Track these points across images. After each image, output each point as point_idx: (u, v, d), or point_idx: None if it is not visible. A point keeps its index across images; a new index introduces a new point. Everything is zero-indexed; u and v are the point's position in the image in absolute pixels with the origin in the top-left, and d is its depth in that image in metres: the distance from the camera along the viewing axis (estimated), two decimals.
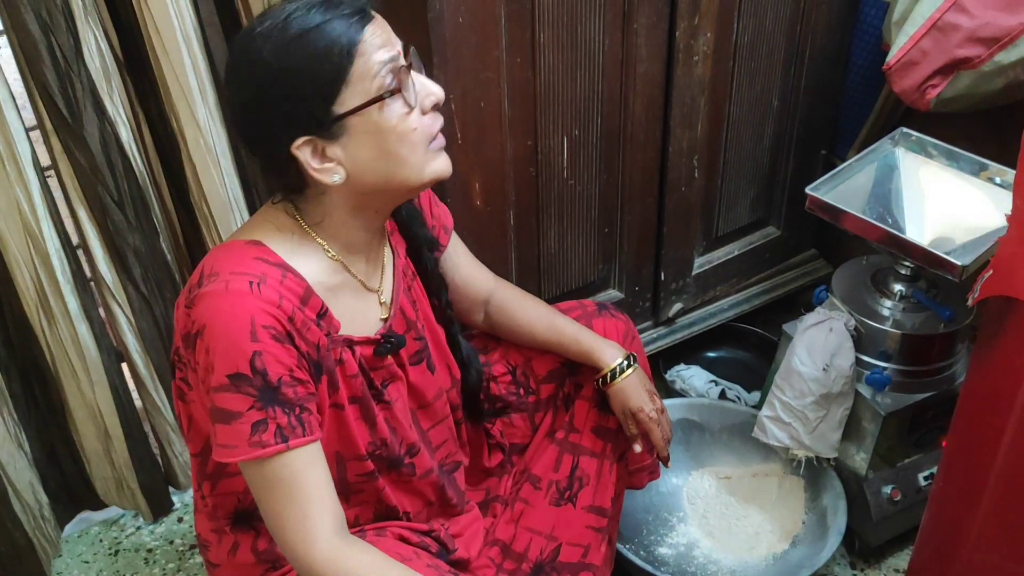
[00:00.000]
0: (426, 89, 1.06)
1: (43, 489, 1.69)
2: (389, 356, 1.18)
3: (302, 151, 1.03)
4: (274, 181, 1.11)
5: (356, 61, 1.00)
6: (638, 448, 1.38)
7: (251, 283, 1.02)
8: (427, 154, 1.06)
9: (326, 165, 1.04)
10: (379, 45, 1.01)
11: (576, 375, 1.40)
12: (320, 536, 1.03)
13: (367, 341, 1.15)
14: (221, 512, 1.19)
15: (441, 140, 1.08)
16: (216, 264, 1.05)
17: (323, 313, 1.09)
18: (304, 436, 1.04)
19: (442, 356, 1.30)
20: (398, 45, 1.04)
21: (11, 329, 1.57)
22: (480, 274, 1.40)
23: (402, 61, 1.04)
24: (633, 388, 1.34)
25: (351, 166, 1.05)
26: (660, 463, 1.46)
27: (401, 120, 1.03)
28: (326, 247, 1.11)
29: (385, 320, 1.20)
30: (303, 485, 1.03)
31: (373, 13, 1.03)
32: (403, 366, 1.21)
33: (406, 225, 1.27)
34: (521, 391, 1.41)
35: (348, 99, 1.01)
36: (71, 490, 1.77)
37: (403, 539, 1.21)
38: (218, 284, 1.02)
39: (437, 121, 1.07)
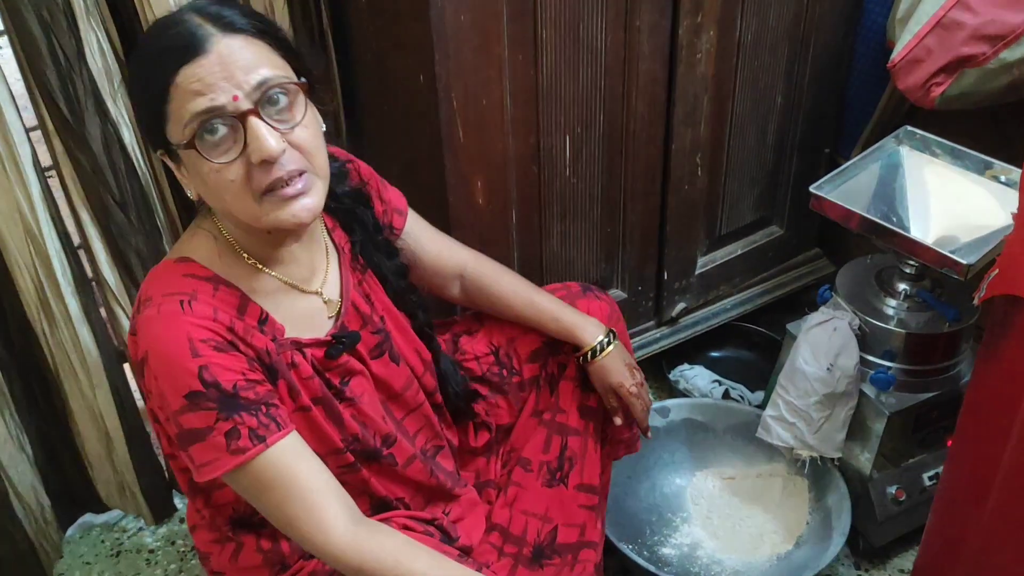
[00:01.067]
0: (253, 144, 0.96)
1: (45, 492, 1.68)
2: (344, 354, 1.16)
3: (165, 159, 1.04)
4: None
5: (170, 103, 0.96)
6: (619, 421, 1.39)
7: (182, 302, 1.01)
8: (261, 203, 1.00)
9: (182, 179, 1.04)
10: (197, 91, 0.95)
11: (558, 355, 1.40)
12: (335, 524, 1.02)
13: (316, 343, 1.14)
14: (220, 521, 1.19)
15: (285, 190, 0.99)
16: (149, 288, 1.05)
17: (264, 319, 1.08)
18: (280, 431, 1.03)
19: (409, 342, 1.28)
20: (238, 85, 0.95)
21: (12, 331, 1.57)
22: (449, 248, 1.38)
23: (237, 107, 0.95)
24: (614, 364, 1.35)
25: (196, 189, 1.04)
26: (639, 436, 1.48)
27: (213, 172, 0.98)
28: (248, 259, 1.10)
29: (333, 319, 1.18)
30: (297, 477, 1.03)
31: (214, 45, 0.95)
32: (364, 361, 1.20)
33: (349, 216, 1.23)
34: (504, 372, 1.40)
35: (170, 133, 0.99)
36: (73, 493, 1.77)
37: (407, 528, 1.21)
38: (151, 309, 1.02)
39: (270, 174, 0.98)
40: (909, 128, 1.67)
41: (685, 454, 1.81)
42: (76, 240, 1.56)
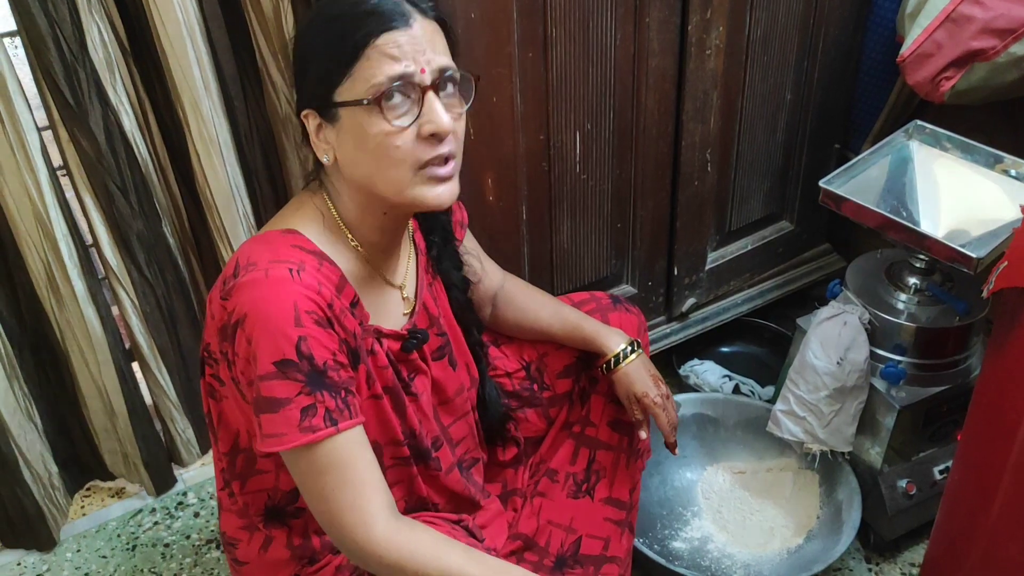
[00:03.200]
0: (429, 116, 1.02)
1: (53, 459, 1.75)
2: (414, 351, 1.19)
3: (308, 120, 1.07)
4: (303, 139, 1.13)
5: (361, 61, 1.01)
6: (643, 435, 1.38)
7: (291, 270, 1.02)
8: (414, 176, 1.04)
9: (319, 143, 1.07)
10: (394, 55, 1.00)
11: (591, 369, 1.41)
12: (378, 518, 1.03)
13: (394, 335, 1.17)
14: (253, 510, 1.19)
15: (438, 170, 1.04)
16: (253, 254, 1.05)
17: (355, 302, 1.10)
18: (352, 418, 1.04)
19: (461, 354, 1.31)
20: (426, 62, 1.02)
21: (24, 308, 1.63)
22: (491, 270, 1.41)
23: (422, 80, 1.01)
24: (637, 373, 1.34)
25: (339, 154, 1.07)
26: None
27: (383, 133, 1.01)
28: (351, 240, 1.13)
29: (408, 315, 1.21)
30: (355, 467, 1.03)
31: (415, 22, 1.01)
32: (426, 361, 1.22)
33: (434, 222, 1.28)
34: (535, 386, 1.42)
35: (345, 91, 1.02)
36: (81, 461, 1.84)
37: (434, 524, 1.21)
38: (257, 273, 1.02)
39: (433, 149, 1.03)
40: (919, 122, 1.67)
41: (696, 448, 1.82)
42: (82, 225, 1.60)
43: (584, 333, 1.36)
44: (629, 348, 1.35)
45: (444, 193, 1.06)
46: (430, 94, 1.02)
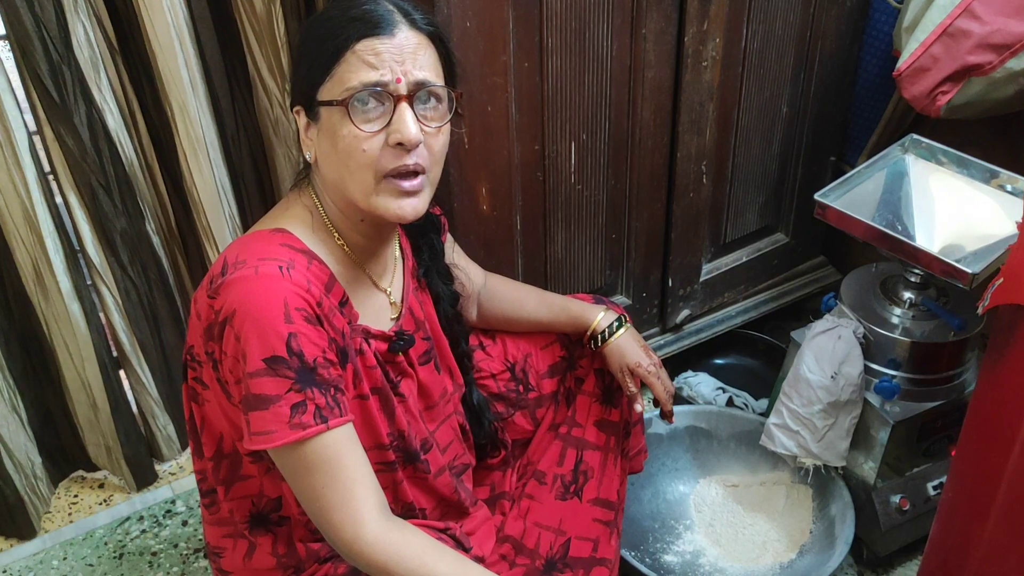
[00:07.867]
0: (397, 125, 1.03)
1: (38, 450, 1.76)
2: (401, 354, 1.19)
3: (298, 117, 1.09)
4: (297, 136, 1.14)
5: (341, 64, 1.03)
6: (639, 407, 1.39)
7: (281, 267, 1.03)
8: (378, 184, 1.05)
9: (306, 140, 1.09)
10: (371, 63, 1.02)
11: (576, 369, 1.42)
12: (369, 518, 1.02)
13: (381, 336, 1.17)
14: (238, 516, 1.18)
15: (403, 183, 1.05)
16: (242, 252, 1.05)
17: (344, 301, 1.11)
18: (342, 416, 1.04)
19: (445, 359, 1.31)
20: (404, 73, 1.02)
21: (11, 300, 1.64)
22: (473, 270, 1.42)
23: (397, 89, 1.02)
24: (628, 345, 1.37)
25: (317, 152, 1.09)
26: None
27: (351, 136, 1.03)
28: (338, 239, 1.13)
29: (395, 319, 1.22)
30: (345, 465, 1.03)
31: (399, 32, 1.03)
32: (412, 365, 1.23)
33: (421, 235, 1.30)
34: (520, 388, 1.42)
35: (326, 91, 1.05)
36: (66, 452, 1.86)
37: None
38: (246, 270, 1.02)
39: (399, 159, 1.04)
40: (915, 136, 1.67)
41: (689, 461, 1.81)
42: (67, 222, 1.61)
43: (571, 313, 1.39)
44: (617, 323, 1.37)
45: (406, 207, 1.07)
46: (403, 104, 1.03)
